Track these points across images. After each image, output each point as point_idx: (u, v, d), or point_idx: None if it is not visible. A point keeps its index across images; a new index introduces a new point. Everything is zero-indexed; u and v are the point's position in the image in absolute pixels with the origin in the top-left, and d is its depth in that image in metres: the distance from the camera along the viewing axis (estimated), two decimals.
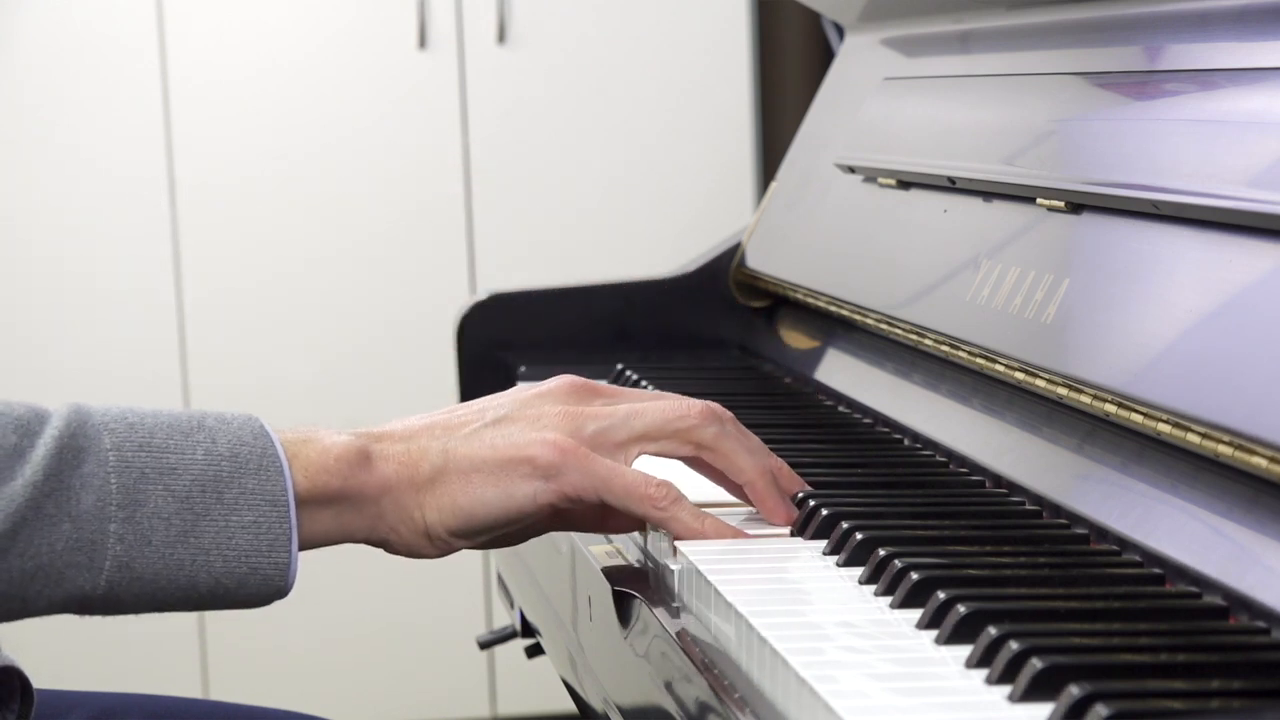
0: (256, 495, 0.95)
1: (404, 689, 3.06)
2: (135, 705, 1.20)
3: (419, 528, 1.00)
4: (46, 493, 0.91)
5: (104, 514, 0.92)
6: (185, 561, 0.94)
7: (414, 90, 2.96)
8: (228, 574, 0.95)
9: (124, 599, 0.94)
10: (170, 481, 0.94)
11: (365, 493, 0.99)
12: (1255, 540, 0.86)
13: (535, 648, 1.53)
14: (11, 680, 1.03)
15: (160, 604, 0.95)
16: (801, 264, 1.57)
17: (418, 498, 0.99)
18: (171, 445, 0.94)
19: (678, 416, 1.02)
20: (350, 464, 0.98)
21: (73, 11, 2.91)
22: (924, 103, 1.45)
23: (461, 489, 0.99)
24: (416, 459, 1.00)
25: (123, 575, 0.93)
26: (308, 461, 0.97)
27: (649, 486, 1.00)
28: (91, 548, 0.92)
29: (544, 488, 0.99)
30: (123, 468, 0.93)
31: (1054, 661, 0.74)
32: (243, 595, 0.96)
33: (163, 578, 0.94)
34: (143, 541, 0.93)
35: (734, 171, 3.03)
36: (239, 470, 0.95)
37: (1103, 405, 1.01)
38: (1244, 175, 0.95)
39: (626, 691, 1.01)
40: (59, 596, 0.93)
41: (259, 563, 0.95)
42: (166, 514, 0.93)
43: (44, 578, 0.91)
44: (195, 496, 0.94)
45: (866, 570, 0.94)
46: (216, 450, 0.95)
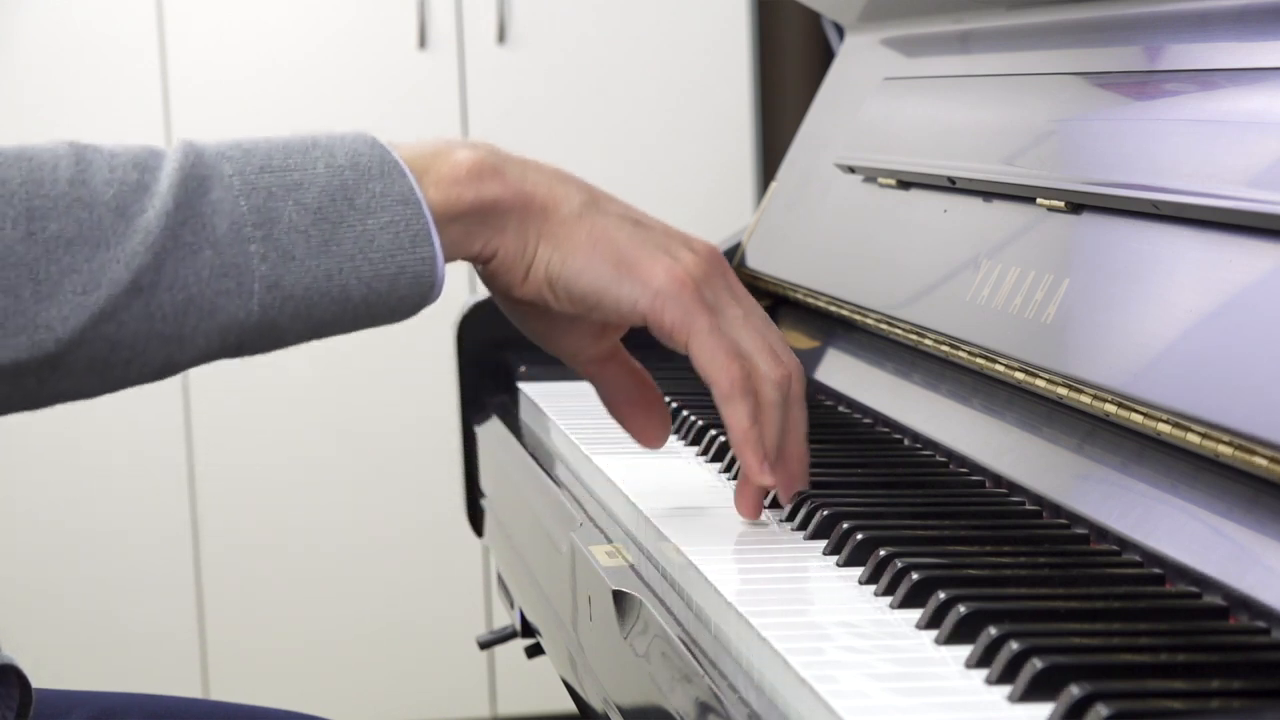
0: (386, 196, 0.94)
1: (404, 689, 3.06)
2: (135, 705, 1.20)
3: (527, 257, 0.99)
4: (181, 220, 0.89)
5: (242, 235, 0.91)
6: (333, 271, 0.93)
7: (414, 90, 2.96)
8: (376, 277, 0.94)
9: (280, 322, 0.93)
10: (299, 196, 0.92)
11: (499, 203, 0.98)
12: (1255, 540, 0.86)
13: (535, 648, 1.53)
14: (10, 679, 1.03)
15: (317, 323, 0.94)
16: (801, 264, 1.57)
17: (543, 228, 0.99)
18: (291, 164, 0.93)
19: (767, 358, 1.02)
20: (481, 175, 0.97)
21: (73, 11, 2.91)
22: (924, 103, 1.45)
23: (585, 248, 0.99)
24: (560, 197, 0.99)
25: (273, 296, 0.92)
26: (438, 177, 0.96)
27: (735, 361, 1.00)
28: (238, 272, 0.90)
29: (649, 300, 0.99)
30: (249, 190, 0.91)
31: (1054, 661, 0.74)
32: (396, 298, 0.95)
33: (314, 291, 0.92)
34: (286, 257, 0.92)
35: (734, 171, 3.03)
36: (363, 176, 0.94)
37: (1103, 405, 1.01)
38: (1244, 175, 0.95)
39: (626, 691, 1.01)
40: (216, 328, 0.91)
41: (405, 260, 0.94)
42: (303, 227, 0.92)
43: (197, 310, 0.90)
44: (327, 206, 0.93)
45: (866, 570, 0.94)
46: (336, 162, 0.94)
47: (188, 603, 3.02)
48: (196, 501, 3.01)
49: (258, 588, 3.02)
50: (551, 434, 1.40)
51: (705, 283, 1.01)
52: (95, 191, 0.88)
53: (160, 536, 3.01)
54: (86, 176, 0.88)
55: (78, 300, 0.87)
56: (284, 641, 3.04)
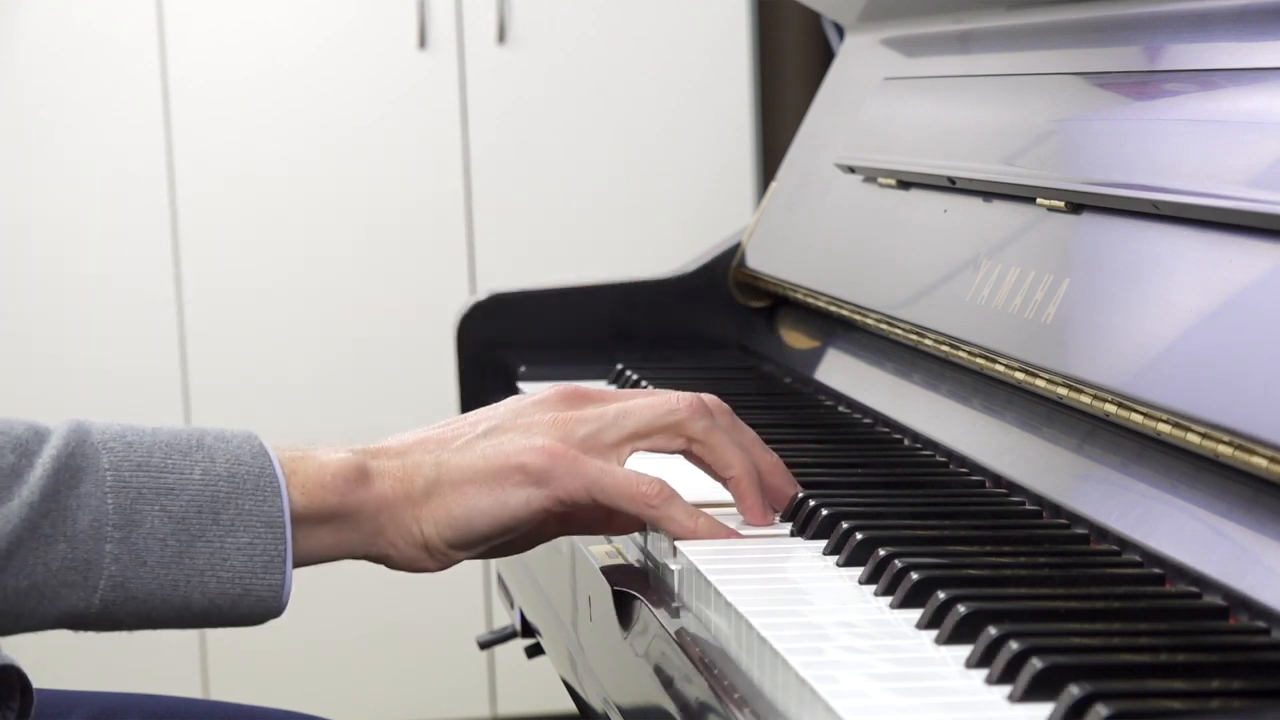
0: (252, 516, 0.95)
1: (404, 689, 3.06)
2: (135, 705, 1.20)
3: (418, 541, 1.01)
4: (43, 513, 0.91)
5: (100, 534, 0.92)
6: (180, 581, 0.94)
7: (414, 90, 2.96)
8: (221, 594, 0.95)
9: (118, 617, 0.94)
10: (167, 502, 0.94)
11: (363, 509, 0.99)
12: (1255, 540, 0.86)
13: (535, 648, 1.53)
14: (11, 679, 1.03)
15: (154, 622, 0.96)
16: (801, 264, 1.57)
17: (414, 512, 1.00)
18: (170, 465, 0.94)
19: (666, 411, 1.02)
20: (347, 480, 0.98)
21: (73, 11, 2.91)
22: (924, 103, 1.45)
23: (455, 500, 1.00)
24: (411, 473, 1.00)
25: (117, 594, 0.93)
26: (305, 478, 0.97)
27: (641, 485, 1.00)
28: (87, 567, 0.92)
29: (537, 494, 0.99)
30: (120, 488, 0.93)
31: (1054, 661, 0.74)
32: (236, 615, 0.96)
33: (157, 597, 0.94)
34: (138, 562, 0.93)
35: (734, 171, 3.03)
36: (236, 491, 0.95)
37: (1103, 405, 1.01)
38: (1244, 175, 0.95)
39: (626, 691, 1.01)
40: (53, 614, 0.93)
41: (253, 584, 0.95)
42: (162, 534, 0.93)
43: (38, 596, 0.92)
44: (191, 517, 0.94)
45: (866, 570, 0.94)
46: (214, 470, 0.95)
47: None
48: None
49: None
50: None
51: (568, 431, 1.01)
52: None
53: None
54: None
55: None
56: (284, 641, 3.03)
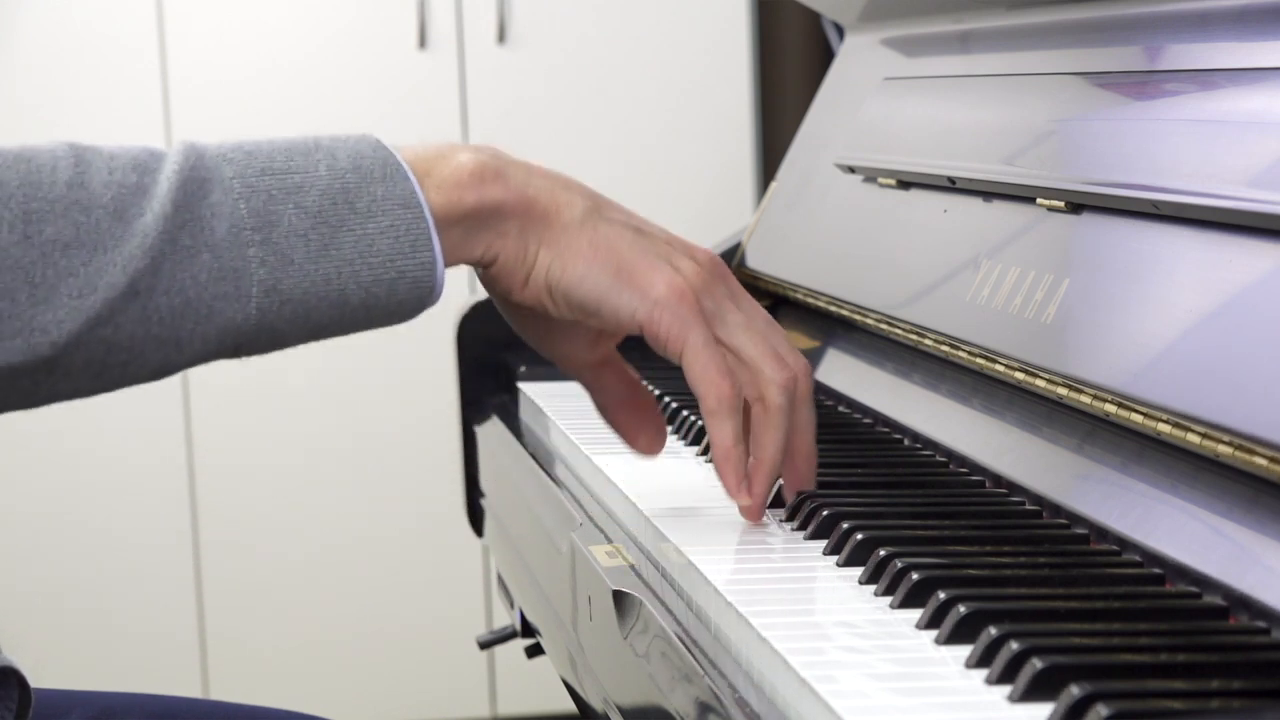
0: (388, 200, 0.93)
1: (404, 689, 3.06)
2: (135, 705, 1.20)
3: (528, 262, 0.99)
4: (179, 224, 0.89)
5: (240, 239, 0.90)
6: (331, 275, 0.92)
7: (414, 90, 2.96)
8: (375, 281, 0.93)
9: (278, 325, 0.92)
10: (299, 199, 0.92)
11: (501, 207, 0.97)
12: (1255, 540, 0.86)
13: (535, 648, 1.53)
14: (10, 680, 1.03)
15: (315, 326, 0.94)
16: (801, 264, 1.57)
17: (544, 234, 0.99)
18: (293, 166, 0.93)
19: (772, 363, 1.01)
20: (483, 179, 0.97)
21: (73, 11, 2.91)
22: (924, 103, 1.45)
23: (586, 256, 0.99)
24: (562, 204, 0.99)
25: (272, 300, 0.91)
26: (440, 180, 0.96)
27: (726, 378, 0.99)
28: (235, 275, 0.90)
29: (646, 310, 0.99)
30: (249, 193, 0.91)
31: (1054, 661, 0.74)
32: (395, 303, 0.94)
33: (312, 295, 0.92)
34: (285, 261, 0.91)
35: (734, 171, 3.03)
36: (365, 179, 0.94)
37: (1103, 405, 1.01)
38: (1244, 175, 0.95)
39: (626, 691, 1.01)
40: (214, 332, 0.91)
41: (405, 265, 0.94)
42: (302, 230, 0.92)
43: (194, 313, 0.90)
44: (327, 210, 0.92)
45: (866, 570, 0.94)
46: (338, 165, 0.94)
47: (188, 603, 3.02)
48: (196, 501, 3.01)
49: (258, 588, 3.02)
50: (551, 434, 1.40)
51: (705, 292, 1.00)
52: (93, 194, 0.87)
53: (160, 536, 3.01)
54: (85, 179, 0.88)
55: (74, 304, 0.86)
56: (284, 641, 3.04)
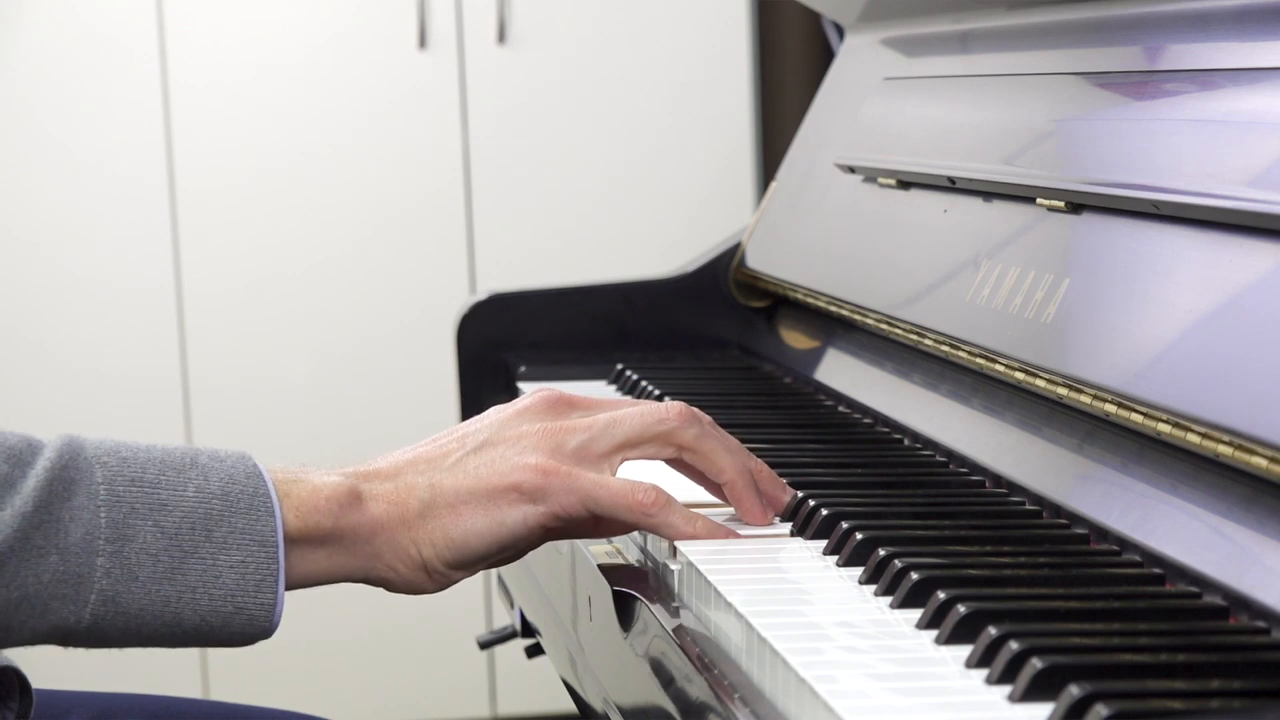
0: (246, 535, 0.95)
1: (404, 689, 3.06)
2: (135, 705, 1.20)
3: (415, 563, 1.00)
4: (35, 524, 0.90)
5: (92, 548, 0.92)
6: (171, 598, 0.94)
7: (414, 90, 2.96)
8: (213, 612, 0.95)
9: (108, 633, 0.94)
10: (160, 518, 0.93)
11: (359, 532, 0.99)
12: (1255, 540, 0.86)
13: (535, 648, 1.53)
14: (10, 680, 1.03)
15: (145, 639, 0.95)
16: (801, 264, 1.57)
17: (410, 534, 0.99)
18: (164, 480, 0.94)
19: (656, 420, 1.03)
20: (341, 504, 0.98)
21: (73, 11, 2.91)
22: (924, 103, 1.45)
23: (452, 521, 0.99)
24: (404, 496, 1.00)
25: (108, 610, 0.93)
26: (299, 501, 0.97)
27: (637, 494, 1.00)
28: (78, 581, 0.92)
29: (533, 510, 0.99)
30: (113, 502, 0.93)
31: (1054, 661, 0.74)
32: (227, 634, 0.96)
33: (148, 613, 0.94)
34: (129, 577, 0.93)
35: (734, 171, 3.03)
36: (229, 509, 0.95)
37: (1103, 405, 1.01)
38: (1244, 175, 0.95)
39: (626, 691, 1.01)
40: (43, 628, 0.92)
41: (245, 602, 0.95)
42: (155, 550, 0.93)
43: (28, 608, 0.91)
44: (184, 534, 0.94)
45: (866, 570, 0.94)
46: (208, 488, 0.95)
47: None
48: None
49: None
50: None
51: (559, 440, 1.01)
52: None
53: None
54: None
55: None
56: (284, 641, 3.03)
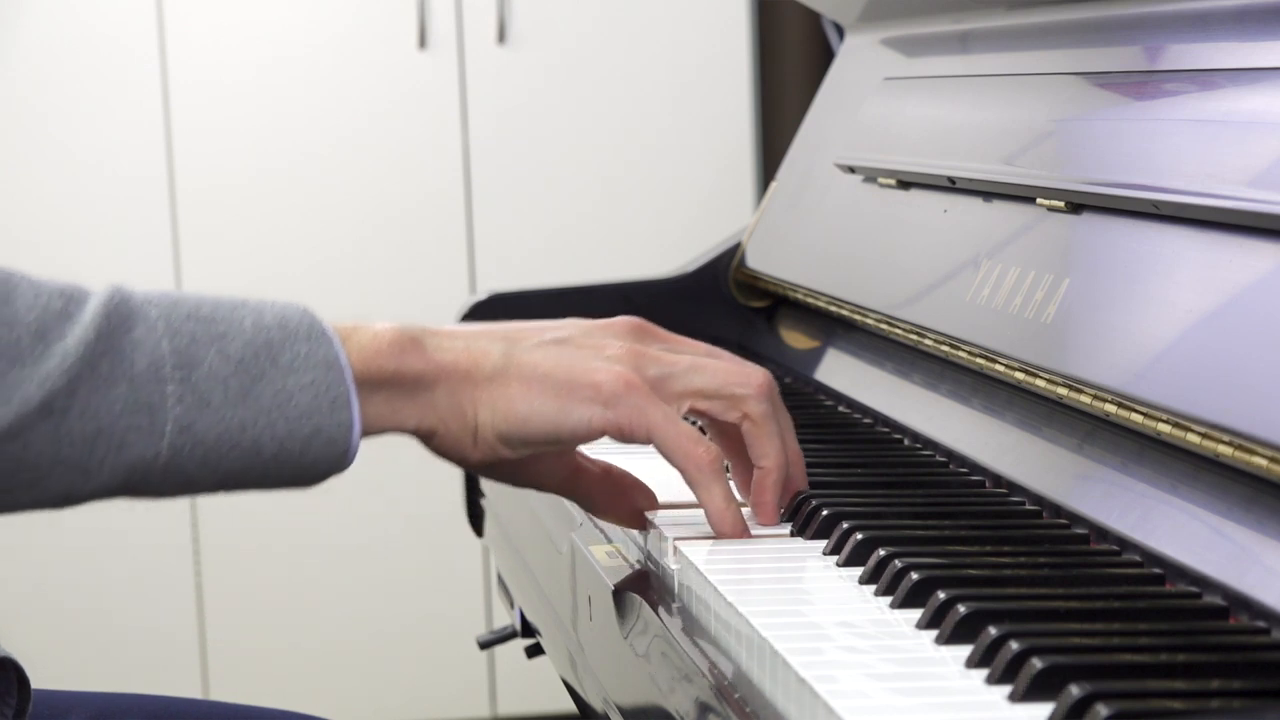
0: (311, 358, 0.93)
1: (404, 689, 3.06)
2: (135, 705, 1.20)
3: (469, 425, 0.98)
4: (100, 352, 0.89)
5: (160, 375, 0.90)
6: (247, 422, 0.92)
7: (414, 90, 2.96)
8: (290, 435, 0.93)
9: (187, 467, 0.92)
10: (222, 345, 0.92)
11: (421, 378, 0.97)
12: (1255, 540, 0.86)
13: (535, 648, 1.53)
14: (8, 674, 1.03)
15: (224, 475, 0.93)
16: (801, 264, 1.57)
17: (474, 393, 0.98)
18: (219, 315, 0.93)
19: (736, 382, 1.02)
20: (403, 348, 0.97)
21: (73, 11, 2.91)
22: (924, 103, 1.45)
23: (521, 395, 0.98)
24: (477, 356, 0.98)
25: (185, 439, 0.91)
26: (360, 344, 0.96)
27: (700, 447, 0.99)
28: (151, 410, 0.90)
29: (600, 415, 0.98)
30: (172, 332, 0.91)
31: (1054, 661, 0.74)
32: (309, 460, 0.94)
33: (225, 441, 0.92)
34: (201, 403, 0.91)
35: (734, 171, 3.03)
36: (289, 337, 0.93)
37: (1103, 405, 1.01)
38: (1244, 175, 0.95)
39: (626, 691, 1.01)
40: (122, 465, 0.90)
41: (322, 423, 0.93)
42: (223, 375, 0.91)
43: (106, 441, 0.89)
44: (249, 359, 0.92)
45: (866, 570, 0.94)
46: (263, 321, 0.94)
47: (188, 603, 3.02)
48: (196, 501, 3.01)
49: (258, 588, 3.02)
50: None
51: (643, 362, 1.00)
52: (17, 313, 0.88)
53: (160, 536, 3.01)
54: (11, 298, 0.88)
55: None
56: (284, 641, 3.04)
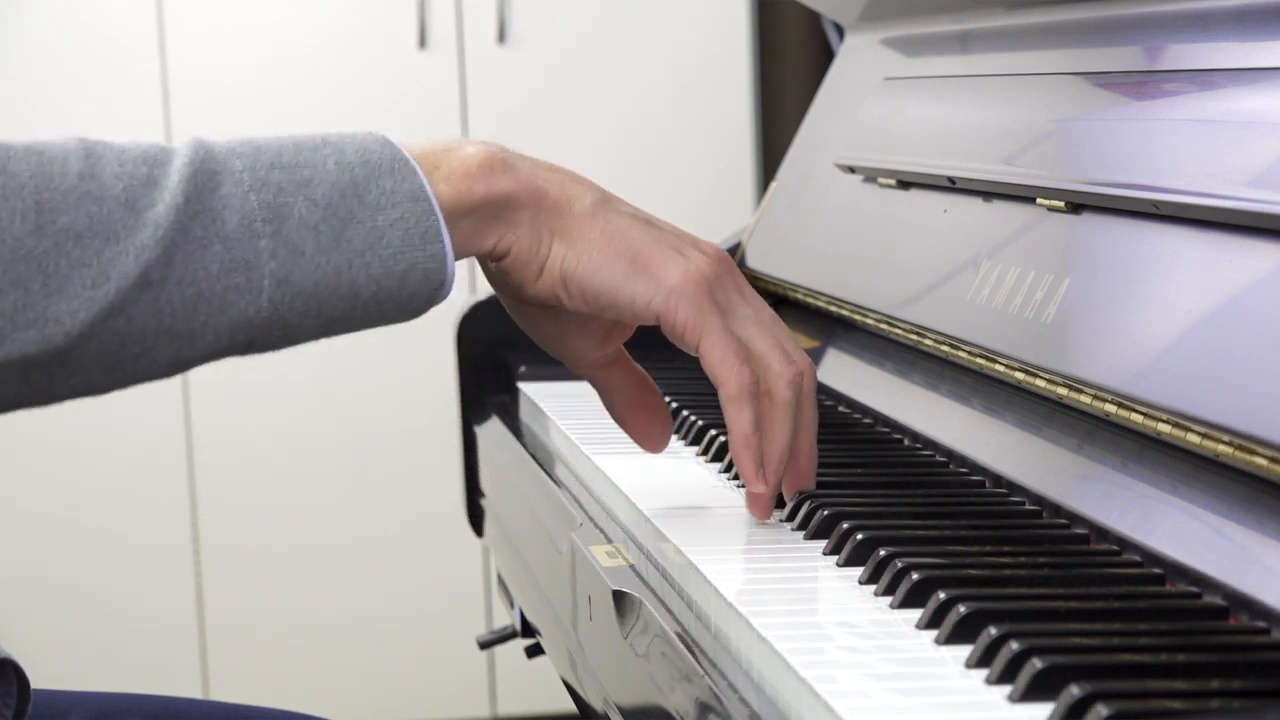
0: (396, 193, 0.94)
1: (404, 689, 3.06)
2: (135, 705, 1.20)
3: (542, 254, 0.99)
4: (190, 215, 0.89)
5: (251, 230, 0.90)
6: (342, 267, 0.93)
7: (414, 90, 2.96)
8: (386, 273, 0.93)
9: (289, 319, 0.92)
10: (309, 192, 0.92)
11: (512, 198, 0.98)
12: (1255, 540, 0.86)
13: (535, 648, 1.53)
14: (8, 674, 1.03)
15: (327, 320, 0.94)
16: (801, 264, 1.57)
17: (558, 224, 0.99)
18: (302, 160, 0.93)
19: (779, 357, 1.02)
20: (492, 169, 0.97)
21: (73, 11, 2.91)
22: (924, 103, 1.45)
23: (600, 245, 0.99)
24: (571, 193, 0.99)
25: (283, 291, 0.91)
26: (450, 170, 0.96)
27: (741, 367, 1.00)
28: (247, 267, 0.90)
29: (664, 299, 0.99)
30: (259, 185, 0.91)
31: (1054, 661, 0.74)
32: (406, 295, 0.95)
33: (323, 288, 0.92)
34: (296, 253, 0.91)
35: (734, 171, 3.03)
36: (373, 173, 0.94)
37: (1103, 405, 1.01)
38: (1244, 175, 0.95)
39: (626, 691, 1.01)
40: (225, 324, 0.91)
41: (415, 257, 0.94)
42: (313, 222, 0.92)
43: (207, 305, 0.90)
44: (337, 202, 0.93)
45: (866, 570, 0.94)
46: (346, 159, 0.94)
47: (188, 603, 3.02)
48: (196, 501, 3.01)
49: (258, 588, 3.02)
50: (551, 434, 1.40)
51: (716, 283, 1.01)
52: (105, 185, 0.88)
53: (160, 536, 3.01)
54: (96, 171, 0.88)
55: (87, 294, 0.86)
56: (284, 641, 3.04)
